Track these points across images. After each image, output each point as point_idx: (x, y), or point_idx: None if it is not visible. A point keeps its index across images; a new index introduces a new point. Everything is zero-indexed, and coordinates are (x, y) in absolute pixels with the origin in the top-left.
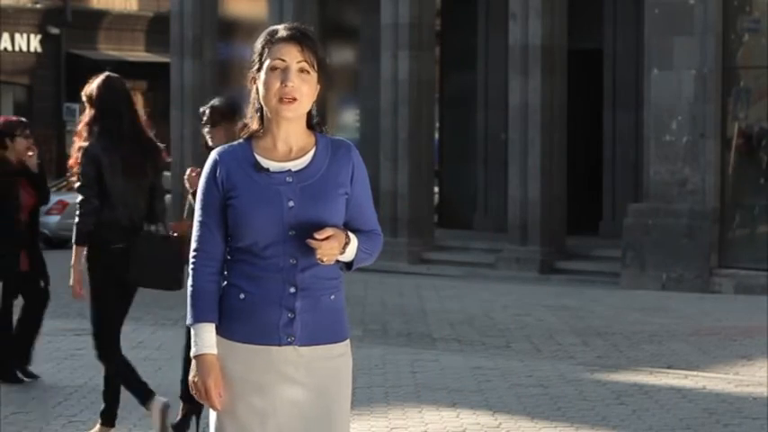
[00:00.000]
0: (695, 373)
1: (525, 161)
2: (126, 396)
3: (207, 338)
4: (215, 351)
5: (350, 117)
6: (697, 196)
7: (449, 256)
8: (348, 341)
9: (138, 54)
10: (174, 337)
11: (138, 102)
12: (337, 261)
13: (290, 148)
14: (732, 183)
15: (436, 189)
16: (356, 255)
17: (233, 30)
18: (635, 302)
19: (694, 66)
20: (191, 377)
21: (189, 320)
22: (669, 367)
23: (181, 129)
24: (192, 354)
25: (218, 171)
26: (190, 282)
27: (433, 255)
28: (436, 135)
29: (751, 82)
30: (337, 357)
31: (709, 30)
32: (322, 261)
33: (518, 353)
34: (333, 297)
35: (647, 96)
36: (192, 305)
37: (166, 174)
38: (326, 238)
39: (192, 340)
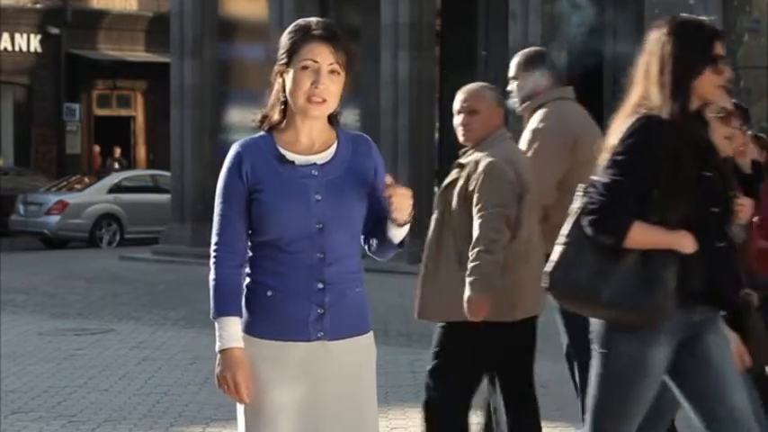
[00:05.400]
0: None
1: None
2: (130, 395)
3: (233, 332)
4: (242, 344)
5: (350, 117)
6: None
7: None
8: (372, 333)
9: (138, 54)
10: (174, 337)
11: (139, 102)
12: (389, 242)
13: (313, 142)
14: None
15: (436, 189)
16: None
17: (233, 30)
18: None
19: None
20: (216, 371)
21: (212, 314)
22: None
23: (181, 129)
24: (217, 348)
25: (242, 164)
26: (212, 276)
27: None
28: (436, 135)
29: (751, 82)
30: (363, 349)
31: None
32: (397, 220)
33: None
34: (358, 290)
35: None
36: (216, 299)
37: (166, 173)
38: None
39: (218, 334)
